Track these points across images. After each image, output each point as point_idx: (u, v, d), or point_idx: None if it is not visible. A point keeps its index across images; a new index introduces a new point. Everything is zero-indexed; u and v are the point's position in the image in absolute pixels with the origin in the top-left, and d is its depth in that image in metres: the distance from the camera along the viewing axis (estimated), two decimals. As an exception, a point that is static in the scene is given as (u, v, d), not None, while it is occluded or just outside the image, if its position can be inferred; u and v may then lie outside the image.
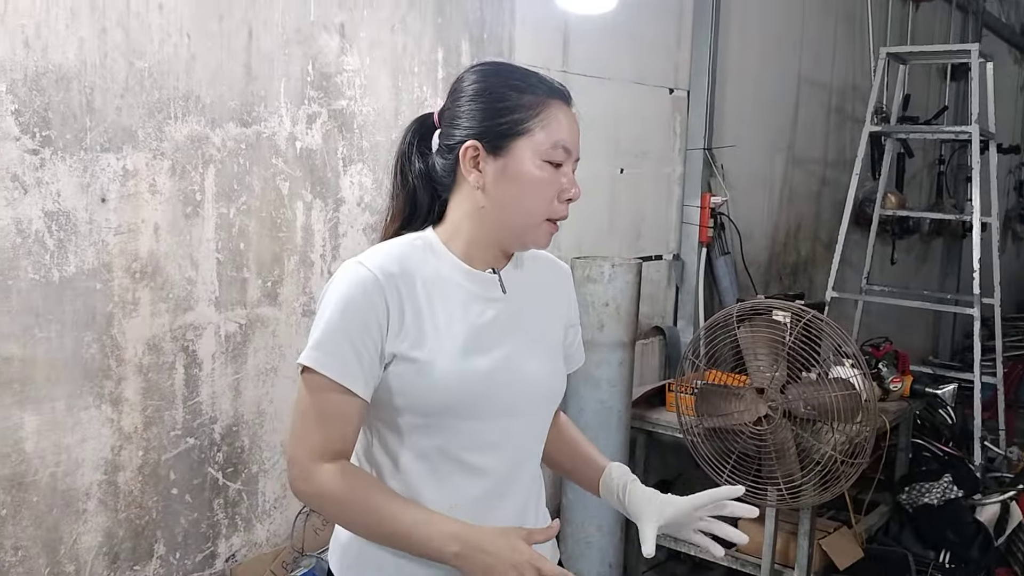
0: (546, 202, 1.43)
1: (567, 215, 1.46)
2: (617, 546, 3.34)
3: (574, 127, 1.46)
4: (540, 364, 1.52)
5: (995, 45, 7.40)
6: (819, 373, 2.84)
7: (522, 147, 1.41)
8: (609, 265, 3.12)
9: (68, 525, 2.18)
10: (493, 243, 1.48)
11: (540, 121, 1.42)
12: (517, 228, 1.45)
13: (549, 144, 1.41)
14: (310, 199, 2.63)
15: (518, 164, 1.41)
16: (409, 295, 1.41)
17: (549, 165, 1.42)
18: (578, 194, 1.45)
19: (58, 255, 2.10)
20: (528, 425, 1.52)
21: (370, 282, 1.39)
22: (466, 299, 1.46)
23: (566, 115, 1.45)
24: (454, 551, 1.34)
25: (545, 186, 1.42)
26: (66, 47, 2.09)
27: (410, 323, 1.40)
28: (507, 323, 1.49)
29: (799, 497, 2.91)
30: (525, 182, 1.42)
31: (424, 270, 1.44)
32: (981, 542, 3.75)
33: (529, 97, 1.43)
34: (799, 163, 5.22)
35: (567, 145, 1.43)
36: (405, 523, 1.37)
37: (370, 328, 1.38)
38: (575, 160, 1.46)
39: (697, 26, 4.14)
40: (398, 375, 1.41)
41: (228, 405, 2.48)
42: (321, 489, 1.39)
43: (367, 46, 2.75)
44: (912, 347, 6.41)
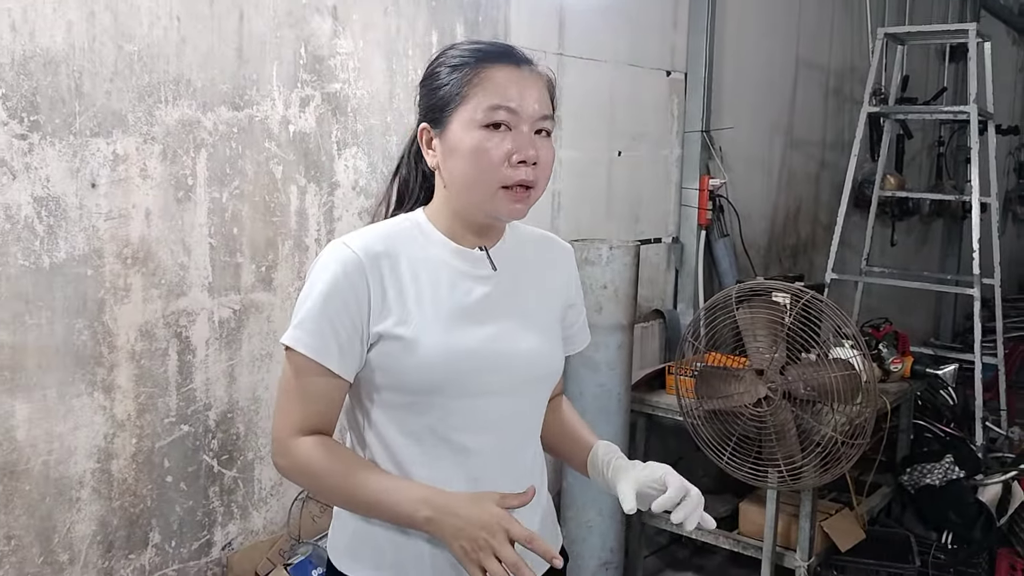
0: (491, 169, 1.37)
1: (529, 179, 1.38)
2: (618, 530, 3.32)
3: (520, 85, 1.39)
4: (533, 343, 1.49)
5: (994, 26, 7.36)
6: (819, 354, 2.82)
7: (458, 117, 1.39)
8: (607, 247, 3.10)
9: (62, 514, 2.17)
10: (468, 219, 1.45)
11: (474, 87, 1.39)
12: (475, 200, 1.41)
13: (484, 107, 1.37)
14: (304, 183, 2.61)
15: (456, 135, 1.39)
16: (393, 274, 1.41)
17: (490, 130, 1.37)
18: (535, 157, 1.38)
19: (48, 241, 2.08)
20: (520, 404, 1.50)
21: (352, 263, 1.39)
22: (453, 277, 1.45)
23: (508, 75, 1.39)
24: (425, 516, 1.34)
25: (486, 153, 1.37)
26: (54, 31, 2.06)
27: (393, 302, 1.40)
28: (498, 301, 1.47)
29: (800, 479, 2.89)
30: (465, 151, 1.38)
31: (411, 249, 1.44)
32: (983, 523, 3.74)
33: (462, 68, 1.41)
34: (798, 145, 5.19)
35: (507, 105, 1.37)
36: (376, 491, 1.38)
37: (351, 309, 1.38)
38: (534, 119, 1.39)
39: (694, 8, 4.11)
40: (385, 354, 1.40)
41: (223, 391, 2.46)
42: (297, 462, 1.41)
43: (360, 28, 2.72)
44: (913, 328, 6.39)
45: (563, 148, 3.53)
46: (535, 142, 1.39)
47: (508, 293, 1.49)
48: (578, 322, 1.67)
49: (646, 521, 3.67)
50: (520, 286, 1.52)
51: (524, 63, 1.42)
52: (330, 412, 1.44)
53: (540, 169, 1.41)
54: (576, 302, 1.66)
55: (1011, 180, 8.48)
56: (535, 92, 1.40)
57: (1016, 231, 8.86)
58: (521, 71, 1.41)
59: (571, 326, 1.65)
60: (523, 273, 1.53)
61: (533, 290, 1.54)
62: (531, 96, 1.39)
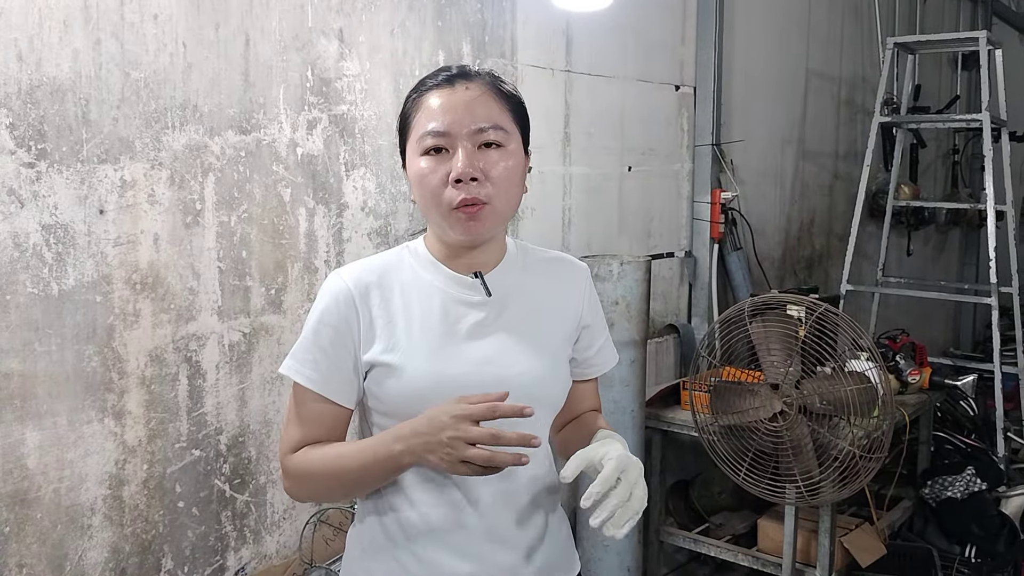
0: (434, 193, 1.39)
1: (470, 196, 1.37)
2: (636, 549, 3.29)
3: (451, 104, 1.39)
4: (529, 367, 1.46)
5: (1006, 33, 7.32)
6: (834, 367, 2.79)
7: (408, 150, 1.44)
8: (618, 263, 3.09)
9: (73, 541, 2.16)
10: (447, 242, 1.46)
11: (412, 118, 1.43)
12: (435, 223, 1.44)
13: (418, 135, 1.40)
14: (312, 205, 2.61)
15: (409, 167, 1.44)
16: (384, 303, 1.44)
17: (429, 155, 1.39)
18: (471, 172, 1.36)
19: (56, 268, 2.09)
20: (515, 428, 1.43)
21: (342, 294, 1.43)
22: (446, 303, 1.46)
23: (440, 97, 1.40)
24: (399, 450, 1.35)
25: (427, 177, 1.39)
26: (60, 59, 2.07)
27: (382, 330, 1.43)
28: (492, 326, 1.47)
29: (818, 494, 2.86)
30: (414, 179, 1.42)
31: (404, 277, 1.47)
32: (1007, 535, 3.69)
33: (410, 101, 1.45)
34: (810, 156, 5.17)
35: (437, 128, 1.38)
36: (356, 456, 1.40)
37: (343, 337, 1.43)
38: (473, 133, 1.38)
39: (701, 22, 4.10)
40: (375, 381, 1.43)
41: (233, 415, 2.46)
42: (294, 473, 1.45)
43: (367, 51, 2.72)
44: (933, 339, 6.36)
45: (573, 164, 3.52)
46: (478, 157, 1.38)
47: (505, 318, 1.48)
48: (597, 344, 1.63)
49: (664, 540, 3.64)
50: (520, 311, 1.50)
51: (460, 80, 1.42)
52: (331, 437, 1.46)
53: (492, 183, 1.39)
54: (592, 323, 1.61)
55: (1027, 187, 8.41)
56: (473, 107, 1.39)
57: (1034, 238, 8.78)
58: (455, 90, 1.41)
59: (588, 348, 1.62)
60: (525, 297, 1.52)
61: (537, 314, 1.52)
62: (465, 112, 1.39)
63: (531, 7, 3.26)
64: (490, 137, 1.39)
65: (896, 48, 4.83)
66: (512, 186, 1.43)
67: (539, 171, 3.35)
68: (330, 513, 2.66)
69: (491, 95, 1.42)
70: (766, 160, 4.74)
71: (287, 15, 2.51)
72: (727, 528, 3.63)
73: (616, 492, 1.35)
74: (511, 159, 1.42)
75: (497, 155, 1.40)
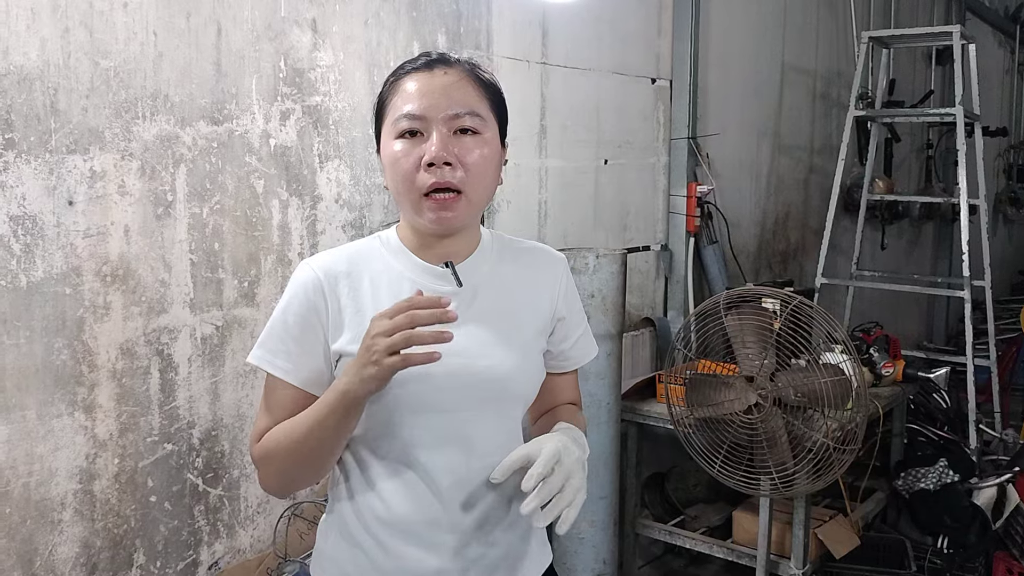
0: (406, 177, 1.38)
1: (444, 180, 1.36)
2: (611, 541, 3.29)
3: (429, 88, 1.38)
4: (499, 359, 1.45)
5: (980, 28, 7.39)
6: (808, 360, 2.80)
7: (383, 133, 1.43)
8: (593, 256, 3.08)
9: (43, 536, 2.13)
10: (418, 230, 1.45)
11: (388, 102, 1.42)
12: (406, 210, 1.43)
13: (394, 118, 1.39)
14: (286, 197, 2.58)
15: (382, 150, 1.43)
16: (352, 292, 1.43)
17: (404, 139, 1.38)
18: (445, 156, 1.35)
19: (25, 260, 2.05)
20: (484, 422, 1.45)
21: (311, 283, 1.43)
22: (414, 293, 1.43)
23: (415, 81, 1.40)
24: (342, 384, 1.32)
25: (400, 160, 1.38)
26: (27, 48, 2.04)
27: (350, 319, 1.42)
28: (462, 317, 1.42)
29: (792, 486, 2.87)
30: (387, 162, 1.41)
31: (374, 267, 1.46)
32: (978, 526, 3.72)
33: (387, 85, 1.45)
34: (785, 150, 5.19)
35: (413, 111, 1.37)
36: (309, 413, 1.37)
37: (313, 326, 1.42)
38: (449, 118, 1.37)
39: (678, 15, 4.10)
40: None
41: (206, 409, 2.43)
42: (258, 457, 1.45)
43: (340, 41, 2.70)
44: (907, 332, 6.40)
45: (549, 157, 3.52)
46: (452, 142, 1.37)
47: (475, 309, 1.46)
48: (573, 336, 1.61)
49: (639, 532, 3.65)
50: (492, 302, 1.48)
51: (439, 65, 1.41)
52: None
53: (466, 170, 1.38)
54: (567, 315, 1.59)
55: (1001, 182, 8.50)
56: (450, 92, 1.38)
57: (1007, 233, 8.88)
58: (433, 74, 1.40)
59: (563, 340, 1.59)
60: (498, 288, 1.50)
61: (509, 305, 1.50)
62: (442, 97, 1.38)
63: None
64: (466, 123, 1.38)
65: (871, 42, 4.85)
66: (486, 175, 1.42)
67: (515, 164, 3.34)
68: (304, 507, 2.64)
69: (469, 81, 1.42)
70: (742, 154, 4.75)
71: (259, 4, 2.48)
72: (702, 520, 3.64)
73: (549, 480, 1.33)
74: (486, 147, 1.41)
75: (472, 142, 1.39)
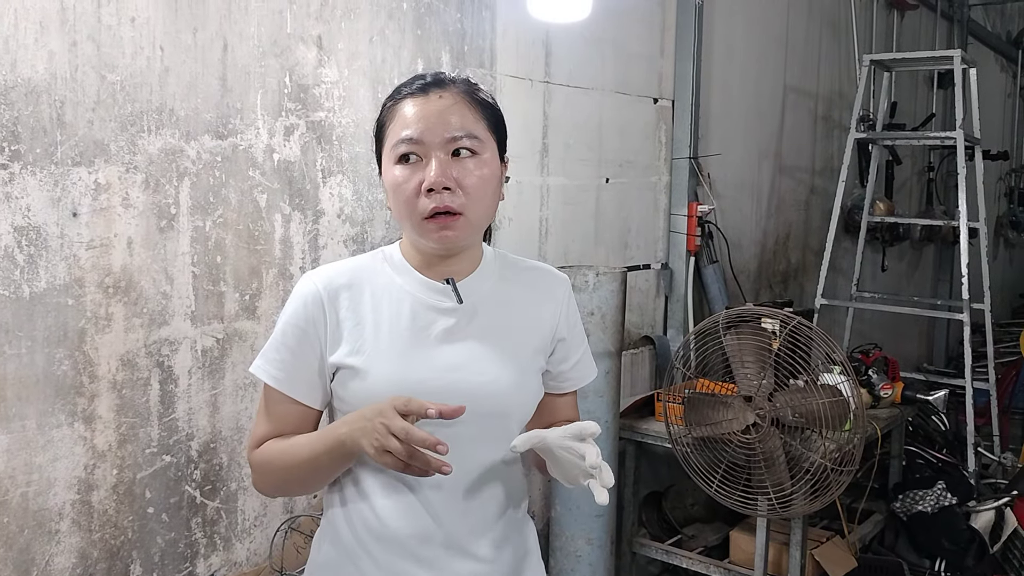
0: (407, 201, 1.39)
1: (443, 205, 1.37)
2: (608, 559, 3.29)
3: (425, 113, 1.39)
4: (496, 376, 1.45)
5: (981, 53, 7.42)
6: (807, 380, 2.81)
7: (384, 157, 1.44)
8: (593, 274, 3.10)
9: (40, 546, 2.14)
10: (423, 251, 1.47)
11: (387, 127, 1.43)
12: (409, 232, 1.45)
13: (392, 143, 1.41)
14: (288, 211, 2.60)
15: (384, 175, 1.44)
16: (353, 306, 1.44)
17: (403, 164, 1.39)
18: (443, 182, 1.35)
19: (28, 270, 2.07)
20: (481, 439, 1.45)
21: (311, 295, 1.45)
22: (416, 308, 1.45)
23: (414, 105, 1.40)
24: (343, 432, 1.35)
25: (400, 186, 1.39)
26: (35, 61, 2.06)
27: (349, 333, 1.43)
28: (461, 333, 1.46)
29: (790, 507, 2.87)
30: (388, 188, 1.43)
31: (376, 281, 1.47)
32: (976, 550, 3.71)
33: (385, 108, 1.45)
34: (787, 171, 5.21)
35: (411, 136, 1.38)
36: (308, 442, 1.42)
37: (310, 339, 1.44)
38: (446, 142, 1.38)
39: (680, 36, 4.13)
40: (341, 383, 1.44)
41: (205, 421, 2.44)
42: (254, 464, 1.48)
43: (345, 58, 2.73)
44: (906, 354, 6.41)
45: (551, 175, 3.54)
46: (451, 165, 1.38)
47: (475, 326, 1.47)
48: (573, 358, 1.60)
49: (636, 551, 3.64)
50: (492, 319, 1.49)
51: (434, 89, 1.41)
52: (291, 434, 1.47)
53: (466, 192, 1.39)
54: (568, 336, 1.59)
55: (1002, 205, 8.52)
56: (446, 116, 1.39)
57: (1007, 256, 8.89)
58: (428, 98, 1.40)
59: (563, 361, 1.59)
60: (499, 306, 1.50)
61: (509, 323, 1.51)
62: (438, 121, 1.38)
63: (511, 18, 3.28)
64: (463, 145, 1.39)
65: (872, 65, 4.88)
66: (486, 195, 1.42)
67: (517, 181, 3.36)
68: (301, 521, 2.64)
69: (465, 103, 1.42)
70: (743, 174, 4.77)
71: (266, 21, 2.51)
72: (699, 540, 3.64)
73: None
74: (485, 168, 1.41)
75: (471, 164, 1.39)
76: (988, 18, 7.90)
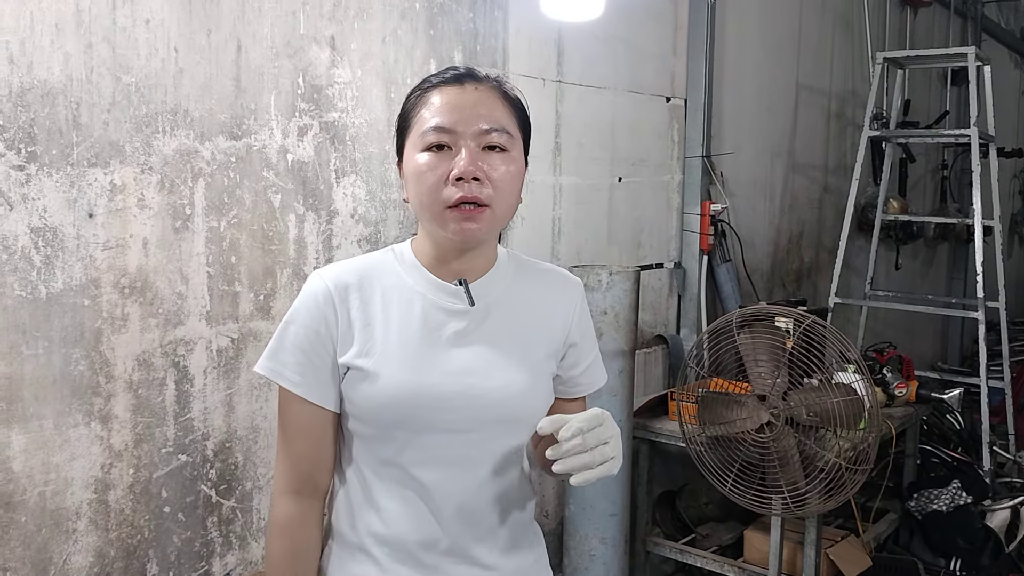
0: (432, 190, 1.35)
1: (471, 195, 1.34)
2: (622, 559, 3.29)
3: (459, 103, 1.37)
4: (508, 381, 1.42)
5: (995, 50, 7.39)
6: (821, 379, 2.80)
7: (408, 145, 1.41)
8: (607, 273, 3.10)
9: (58, 545, 2.15)
10: (441, 247, 1.43)
11: (416, 113, 1.40)
12: (427, 223, 1.41)
13: (422, 130, 1.37)
14: (302, 211, 2.61)
15: (407, 163, 1.41)
16: (363, 306, 1.42)
17: (431, 152, 1.36)
18: (473, 171, 1.33)
19: (45, 271, 2.08)
20: (489, 444, 1.43)
21: (321, 293, 1.41)
22: (427, 310, 1.43)
23: (446, 95, 1.38)
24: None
25: (425, 174, 1.36)
26: (51, 63, 2.08)
27: (359, 333, 1.40)
28: (473, 336, 1.43)
29: (804, 505, 2.86)
30: (411, 176, 1.39)
31: (387, 281, 1.44)
32: (992, 549, 3.70)
33: (413, 97, 1.43)
34: (800, 169, 5.20)
35: (440, 124, 1.36)
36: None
37: (322, 339, 1.41)
38: (479, 134, 1.36)
39: (693, 35, 4.12)
40: (350, 385, 1.41)
41: (221, 421, 2.45)
42: (268, 530, 1.46)
43: (358, 58, 2.73)
44: (920, 353, 6.38)
45: (563, 175, 3.54)
46: (481, 158, 1.36)
47: (487, 329, 1.44)
48: (583, 363, 1.57)
49: (650, 550, 3.64)
50: (504, 322, 1.46)
51: (469, 80, 1.40)
52: (316, 451, 1.45)
53: (494, 186, 1.36)
54: (580, 341, 1.56)
55: (1016, 203, 8.47)
56: (480, 108, 1.37)
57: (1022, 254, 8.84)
58: (464, 88, 1.39)
59: (574, 367, 1.56)
60: (511, 308, 1.48)
61: (521, 326, 1.48)
62: (472, 112, 1.36)
63: (523, 17, 3.28)
64: (494, 140, 1.37)
65: (886, 63, 4.86)
66: (512, 192, 1.41)
67: (529, 180, 3.34)
68: (316, 520, 2.65)
69: (498, 98, 1.41)
70: (756, 172, 4.76)
71: (279, 22, 2.52)
72: (714, 539, 3.64)
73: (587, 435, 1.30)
74: (513, 164, 1.39)
75: (500, 159, 1.37)
76: (1002, 15, 7.85)
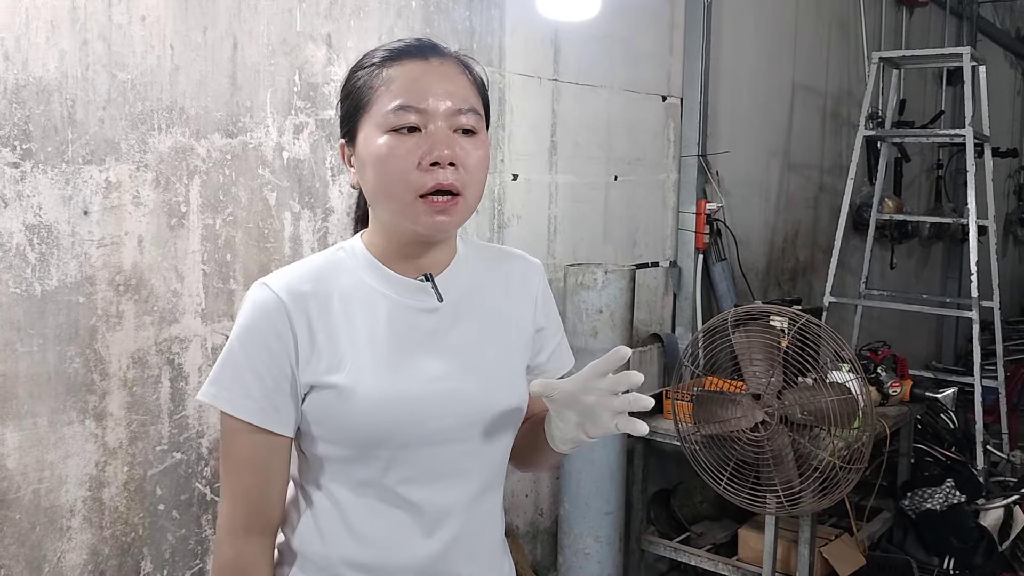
0: (401, 175, 1.21)
1: (447, 182, 1.22)
2: (616, 557, 3.30)
3: (428, 80, 1.23)
4: (487, 381, 1.32)
5: (990, 50, 7.40)
6: (815, 378, 2.81)
7: (364, 125, 1.25)
8: (602, 272, 3.10)
9: (52, 543, 2.15)
10: (402, 240, 1.29)
11: (376, 89, 1.24)
12: (393, 213, 1.25)
13: (387, 109, 1.22)
14: (298, 209, 2.61)
15: (363, 145, 1.25)
16: (322, 315, 1.26)
17: (398, 133, 1.22)
18: (450, 156, 1.21)
19: (40, 268, 2.08)
20: (477, 450, 1.32)
21: (272, 305, 1.25)
22: (393, 311, 1.29)
23: (412, 70, 1.24)
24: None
25: (393, 158, 1.21)
26: (47, 60, 2.07)
27: (323, 346, 1.25)
28: (446, 336, 1.31)
29: (798, 504, 2.87)
30: (372, 161, 1.23)
31: (343, 283, 1.29)
32: (985, 548, 3.71)
33: (366, 71, 1.27)
34: (795, 169, 5.20)
35: (411, 103, 1.22)
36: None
37: (276, 356, 1.24)
38: (449, 114, 1.23)
39: (689, 34, 4.13)
40: (319, 405, 1.26)
41: (215, 419, 2.45)
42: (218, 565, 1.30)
43: (355, 56, 2.69)
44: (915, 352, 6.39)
45: (559, 173, 3.54)
46: (454, 141, 1.23)
47: (458, 326, 1.32)
48: (550, 347, 1.46)
49: (645, 548, 3.64)
50: (473, 317, 1.35)
51: (433, 54, 1.26)
52: (268, 484, 1.28)
53: (466, 173, 1.23)
54: (546, 325, 1.45)
55: (1011, 202, 8.49)
56: (448, 85, 1.24)
57: (1017, 254, 8.86)
58: (429, 64, 1.25)
59: (540, 353, 1.45)
60: (480, 304, 1.36)
61: (494, 319, 1.37)
62: (442, 90, 1.23)
63: (519, 16, 3.28)
64: (464, 121, 1.24)
65: (881, 62, 4.87)
66: (483, 180, 1.29)
67: (525, 179, 3.36)
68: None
69: (463, 74, 1.28)
70: (752, 172, 4.76)
71: (275, 19, 2.51)
72: (708, 537, 3.64)
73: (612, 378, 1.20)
74: (483, 149, 1.27)
75: (471, 143, 1.25)
76: (997, 15, 7.87)
